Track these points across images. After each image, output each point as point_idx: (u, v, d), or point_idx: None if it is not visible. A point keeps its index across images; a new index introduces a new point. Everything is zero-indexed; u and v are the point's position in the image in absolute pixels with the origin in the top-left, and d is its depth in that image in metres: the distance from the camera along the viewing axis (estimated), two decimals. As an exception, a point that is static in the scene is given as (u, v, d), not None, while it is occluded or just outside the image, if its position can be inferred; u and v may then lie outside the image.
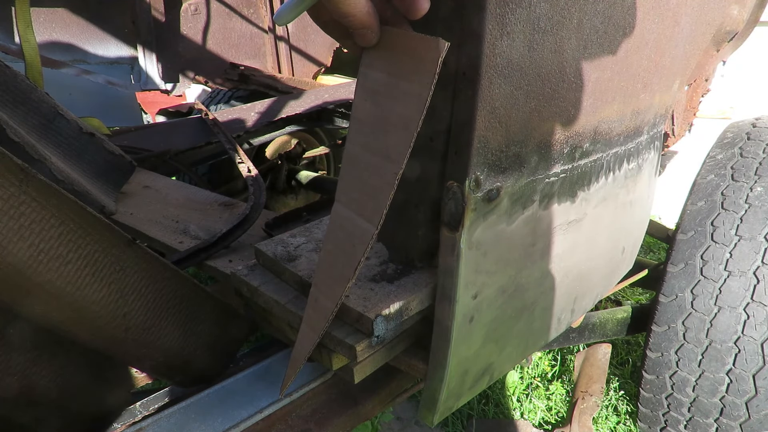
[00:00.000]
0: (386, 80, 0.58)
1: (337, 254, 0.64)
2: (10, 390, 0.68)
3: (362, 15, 0.52)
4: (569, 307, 1.03)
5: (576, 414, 1.64)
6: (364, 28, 0.54)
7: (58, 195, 0.61)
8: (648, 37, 0.86)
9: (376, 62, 0.59)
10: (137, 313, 0.73)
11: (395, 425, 1.82)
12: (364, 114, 0.61)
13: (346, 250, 0.62)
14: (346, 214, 0.63)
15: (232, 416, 0.85)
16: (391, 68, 0.57)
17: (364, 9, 0.52)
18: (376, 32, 0.56)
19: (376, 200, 0.58)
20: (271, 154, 2.62)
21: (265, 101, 2.19)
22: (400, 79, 0.56)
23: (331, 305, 0.64)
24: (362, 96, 0.61)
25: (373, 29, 0.55)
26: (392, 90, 0.57)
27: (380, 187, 0.58)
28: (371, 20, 0.54)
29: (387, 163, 0.57)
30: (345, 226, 0.63)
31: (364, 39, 0.56)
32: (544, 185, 0.78)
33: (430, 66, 0.52)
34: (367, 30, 0.55)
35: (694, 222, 1.31)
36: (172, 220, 1.26)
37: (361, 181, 0.61)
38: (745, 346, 1.20)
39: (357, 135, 0.62)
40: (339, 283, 0.62)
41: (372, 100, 0.60)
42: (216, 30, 2.73)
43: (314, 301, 0.68)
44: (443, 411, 0.83)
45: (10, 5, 2.25)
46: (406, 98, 0.55)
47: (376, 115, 0.59)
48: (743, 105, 3.32)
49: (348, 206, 0.63)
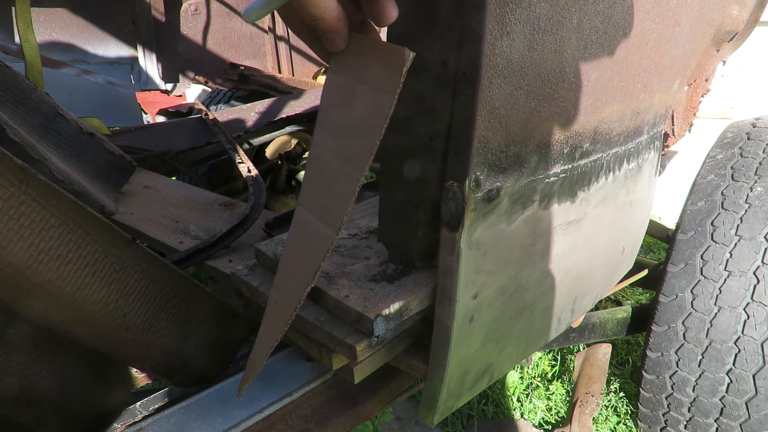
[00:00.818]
0: (352, 86, 0.58)
1: (298, 258, 0.65)
2: (10, 390, 0.68)
3: (332, 19, 0.53)
4: (569, 307, 1.03)
5: (576, 414, 1.64)
6: (333, 33, 0.55)
7: (58, 195, 0.61)
8: (648, 37, 0.86)
9: (344, 68, 0.59)
10: (137, 313, 0.73)
11: (395, 425, 1.82)
12: (330, 119, 0.62)
13: (306, 254, 0.63)
14: (308, 217, 0.63)
15: (232, 416, 0.85)
16: (357, 74, 0.57)
17: (333, 14, 0.52)
18: (344, 38, 0.56)
19: (338, 206, 0.58)
20: (271, 154, 2.62)
21: (265, 101, 2.19)
22: (366, 85, 0.56)
23: (290, 309, 0.64)
24: (328, 101, 0.62)
25: (341, 35, 0.55)
26: (358, 96, 0.57)
27: (343, 192, 0.58)
28: (340, 25, 0.54)
29: (351, 169, 0.57)
30: (307, 230, 0.63)
31: (333, 44, 0.57)
32: (544, 185, 0.78)
33: (395, 74, 0.52)
34: (335, 35, 0.55)
35: (694, 222, 1.31)
36: (172, 220, 1.26)
37: (325, 185, 0.61)
38: (745, 346, 1.20)
39: (322, 139, 0.62)
40: (299, 287, 0.62)
41: (338, 105, 0.60)
42: (216, 30, 2.73)
43: (274, 304, 0.68)
44: (443, 411, 0.83)
45: (10, 5, 2.25)
46: (371, 105, 0.55)
47: (342, 121, 0.60)
48: (743, 105, 3.32)
49: (310, 210, 0.63)
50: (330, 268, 0.82)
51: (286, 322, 0.64)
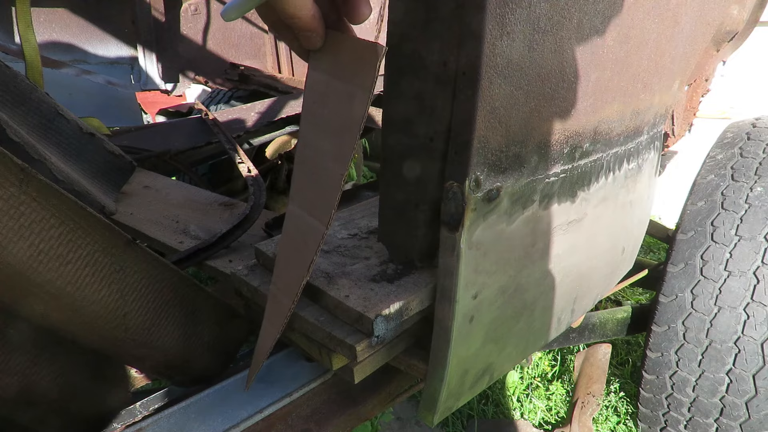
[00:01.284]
0: (331, 82, 0.59)
1: (292, 253, 0.67)
2: (10, 390, 0.68)
3: (307, 18, 0.54)
4: (569, 307, 1.03)
5: (576, 414, 1.65)
6: (309, 31, 0.56)
7: (58, 195, 0.61)
8: (648, 37, 0.86)
9: (322, 65, 0.61)
10: (137, 313, 0.73)
11: (395, 425, 1.82)
12: (312, 115, 0.63)
13: (299, 249, 0.65)
14: (298, 213, 0.65)
15: (232, 416, 0.85)
16: (335, 71, 0.59)
17: (309, 12, 0.54)
18: (321, 35, 0.58)
19: (325, 200, 0.60)
20: (271, 154, 2.61)
21: (265, 101, 2.19)
22: (343, 81, 0.58)
23: (288, 302, 0.66)
24: (310, 98, 0.63)
25: (318, 32, 0.57)
26: (336, 92, 0.59)
27: (328, 187, 0.60)
28: (316, 24, 0.56)
29: (333, 164, 0.59)
30: (298, 226, 0.65)
31: (309, 42, 0.58)
32: (544, 185, 0.78)
33: (369, 69, 0.54)
34: (312, 33, 0.56)
35: (694, 222, 1.31)
36: (172, 220, 1.26)
37: (311, 181, 0.63)
38: (745, 346, 1.20)
39: (306, 136, 0.64)
40: (295, 281, 0.65)
41: (319, 102, 0.62)
42: (216, 30, 2.73)
43: (273, 298, 0.71)
44: (443, 411, 0.83)
45: (10, 5, 2.25)
46: (349, 100, 0.57)
47: (323, 117, 0.61)
48: (743, 105, 3.32)
49: (301, 206, 0.65)
50: (330, 268, 0.82)
51: (286, 315, 0.66)
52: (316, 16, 0.55)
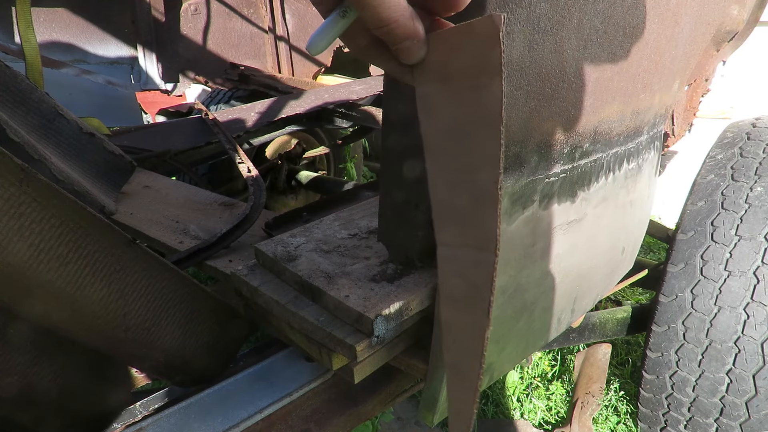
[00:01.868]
0: (448, 89, 0.51)
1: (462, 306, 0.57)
2: (10, 390, 0.68)
3: (405, 20, 0.46)
4: (569, 307, 1.03)
5: (576, 414, 1.64)
6: (410, 38, 0.47)
7: (58, 195, 0.61)
8: (648, 37, 0.86)
9: (431, 75, 0.51)
10: (137, 313, 0.73)
11: (395, 425, 1.81)
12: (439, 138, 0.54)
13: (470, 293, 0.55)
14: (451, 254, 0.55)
15: (232, 416, 0.85)
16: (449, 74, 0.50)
17: (406, 13, 0.45)
18: (422, 41, 0.48)
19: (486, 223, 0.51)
20: (271, 154, 2.62)
21: (265, 101, 2.19)
22: (465, 78, 0.49)
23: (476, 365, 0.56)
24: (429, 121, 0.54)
25: (418, 37, 0.48)
26: (459, 95, 0.50)
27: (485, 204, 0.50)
28: (416, 27, 0.47)
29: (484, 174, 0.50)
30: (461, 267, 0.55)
31: (410, 53, 0.49)
32: (544, 185, 0.78)
33: (492, 45, 0.46)
34: (412, 41, 0.47)
35: (694, 222, 1.31)
36: (172, 220, 1.26)
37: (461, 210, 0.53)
38: (745, 346, 1.20)
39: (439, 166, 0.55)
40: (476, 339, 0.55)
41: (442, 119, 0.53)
42: (216, 30, 2.73)
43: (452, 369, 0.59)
44: (443, 411, 0.83)
45: (10, 5, 2.25)
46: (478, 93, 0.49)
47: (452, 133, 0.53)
48: (743, 105, 3.32)
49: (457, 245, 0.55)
50: (330, 268, 0.82)
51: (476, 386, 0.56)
52: (414, 16, 0.47)
